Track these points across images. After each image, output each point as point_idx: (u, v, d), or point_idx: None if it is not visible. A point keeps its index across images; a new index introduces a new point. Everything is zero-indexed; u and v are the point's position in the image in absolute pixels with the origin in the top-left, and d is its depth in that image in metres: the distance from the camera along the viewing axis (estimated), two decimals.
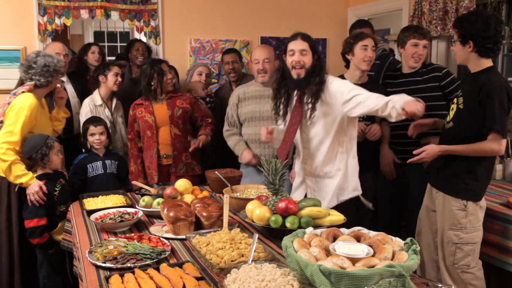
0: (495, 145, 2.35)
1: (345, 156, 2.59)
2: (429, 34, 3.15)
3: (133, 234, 2.06)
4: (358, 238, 1.70)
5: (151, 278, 1.60)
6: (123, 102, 3.73)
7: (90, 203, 2.59)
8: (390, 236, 1.70)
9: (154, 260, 1.78)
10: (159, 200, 2.42)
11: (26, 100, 2.83)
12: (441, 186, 2.57)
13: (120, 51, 4.62)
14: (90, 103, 3.51)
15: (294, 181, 2.78)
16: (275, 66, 3.13)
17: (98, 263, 1.75)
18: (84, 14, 4.22)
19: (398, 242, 1.64)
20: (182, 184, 2.57)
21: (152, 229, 2.20)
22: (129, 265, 1.73)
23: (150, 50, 4.37)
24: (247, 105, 3.23)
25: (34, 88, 2.91)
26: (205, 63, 4.24)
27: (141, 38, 4.71)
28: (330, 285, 1.40)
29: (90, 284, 1.64)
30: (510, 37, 3.42)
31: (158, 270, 1.66)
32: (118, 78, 3.51)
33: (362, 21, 3.97)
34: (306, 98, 2.54)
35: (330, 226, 1.92)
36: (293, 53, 2.50)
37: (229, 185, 2.64)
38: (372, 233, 1.74)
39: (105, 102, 3.56)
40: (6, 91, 3.85)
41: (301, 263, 1.49)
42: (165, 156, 3.33)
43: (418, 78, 3.08)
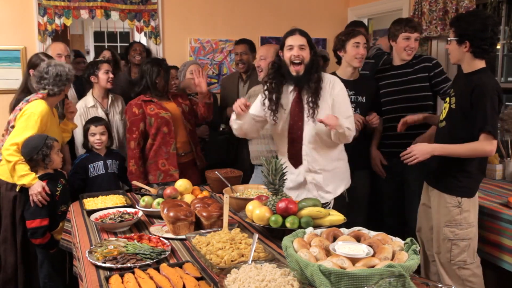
0: (487, 145, 2.36)
1: (342, 146, 2.72)
2: (420, 27, 3.15)
3: (133, 234, 2.06)
4: (358, 238, 1.70)
5: (151, 278, 1.60)
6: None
7: (90, 203, 2.59)
8: (390, 236, 1.70)
9: (154, 260, 1.78)
10: (159, 200, 2.42)
11: (37, 106, 2.85)
12: (435, 184, 2.59)
13: (120, 51, 4.61)
14: (82, 106, 3.44)
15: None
16: None
17: (98, 263, 1.75)
18: (84, 14, 4.22)
19: (398, 242, 1.64)
20: (182, 184, 2.57)
21: (152, 229, 2.20)
22: (129, 265, 1.73)
23: (149, 51, 4.35)
24: (252, 102, 3.23)
25: (47, 96, 2.93)
26: (195, 61, 4.15)
27: (141, 38, 4.71)
28: (330, 285, 1.40)
29: (90, 284, 1.64)
30: (510, 37, 3.42)
31: (158, 270, 1.66)
32: (110, 75, 3.43)
33: (356, 22, 3.98)
34: (306, 95, 2.54)
35: (330, 226, 1.93)
36: (291, 47, 2.50)
37: (229, 185, 2.64)
38: (372, 233, 1.74)
39: (99, 102, 3.48)
40: (6, 91, 3.87)
41: (301, 263, 1.49)
42: (183, 154, 3.27)
43: (408, 69, 3.11)
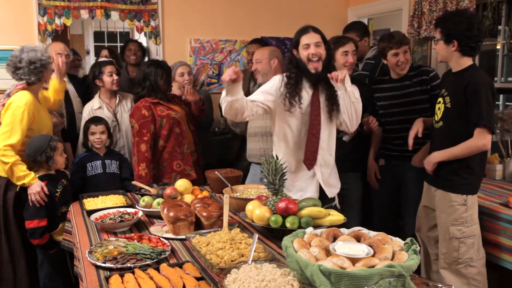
0: (480, 140, 2.39)
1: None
2: (405, 39, 3.07)
3: (133, 234, 2.06)
4: (358, 238, 1.70)
5: (151, 278, 1.60)
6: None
7: (90, 203, 2.59)
8: (390, 236, 1.70)
9: (154, 260, 1.78)
10: (159, 200, 2.42)
11: (21, 98, 2.76)
12: (439, 184, 2.60)
13: (120, 51, 4.62)
14: (88, 108, 3.47)
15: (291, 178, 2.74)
16: (271, 65, 3.11)
17: (98, 263, 1.75)
18: (84, 14, 4.22)
19: (398, 242, 1.64)
20: (182, 184, 2.57)
21: (152, 229, 2.20)
22: (129, 265, 1.73)
23: (144, 49, 4.36)
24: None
25: (28, 86, 2.84)
26: (184, 62, 4.02)
27: (141, 38, 4.71)
28: (330, 285, 1.40)
29: (90, 284, 1.64)
30: (510, 37, 3.42)
31: (158, 270, 1.66)
32: (114, 77, 3.40)
33: (350, 25, 3.94)
34: (324, 93, 2.54)
35: (330, 226, 1.92)
36: (308, 46, 2.48)
37: (229, 185, 2.64)
38: (372, 233, 1.74)
39: (106, 102, 3.49)
40: None
41: (301, 263, 1.49)
42: (190, 153, 3.29)
43: (407, 82, 3.08)
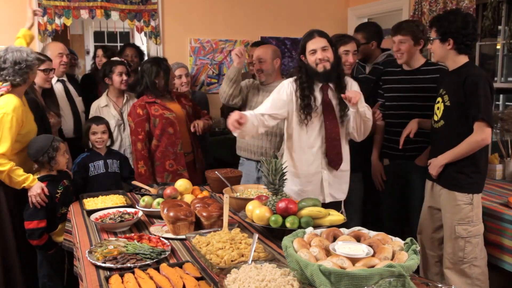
0: (478, 135, 2.38)
1: (348, 153, 2.71)
2: (402, 29, 2.95)
3: (133, 234, 2.06)
4: (358, 238, 1.70)
5: (151, 278, 1.60)
6: None
7: (90, 203, 2.59)
8: (390, 236, 1.70)
9: (154, 260, 1.78)
10: (159, 200, 2.42)
11: (8, 103, 2.67)
12: (445, 183, 2.58)
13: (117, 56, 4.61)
14: (95, 106, 3.52)
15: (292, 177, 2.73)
16: (274, 66, 3.12)
17: (98, 263, 1.75)
18: (84, 14, 4.22)
19: (398, 242, 1.64)
20: (182, 184, 2.57)
21: (152, 229, 2.20)
22: (129, 265, 1.73)
23: (142, 54, 4.34)
24: (253, 94, 3.23)
25: (12, 88, 2.74)
26: (181, 64, 3.99)
27: (141, 38, 4.71)
28: (330, 285, 1.40)
29: (90, 284, 1.64)
30: (510, 37, 3.42)
31: (158, 270, 1.66)
32: (124, 77, 3.47)
33: (361, 25, 3.90)
34: (335, 92, 2.56)
35: (330, 226, 1.92)
36: (314, 51, 2.49)
37: (229, 185, 2.64)
38: (372, 233, 1.74)
39: (114, 101, 3.52)
40: None
41: (301, 263, 1.49)
42: (185, 154, 3.29)
43: (419, 76, 2.98)
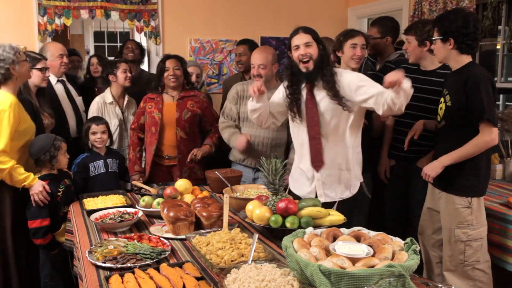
0: (487, 136, 2.35)
1: (357, 146, 2.59)
2: (411, 29, 2.95)
3: (133, 234, 2.07)
4: (358, 238, 1.70)
5: (151, 278, 1.60)
6: None
7: (90, 203, 2.59)
8: (390, 236, 1.70)
9: (154, 260, 1.78)
10: (159, 200, 2.42)
11: (3, 100, 2.66)
12: (444, 186, 2.56)
13: (118, 51, 4.62)
14: (100, 101, 3.48)
15: (295, 168, 2.71)
16: (273, 71, 3.11)
17: (98, 263, 1.75)
18: (84, 14, 4.23)
19: (398, 242, 1.64)
20: (182, 184, 2.57)
21: (152, 229, 2.20)
22: (129, 265, 1.73)
23: (142, 48, 4.36)
24: (246, 104, 3.15)
25: (1, 85, 2.72)
26: (193, 61, 4.04)
27: (141, 38, 4.71)
28: (330, 285, 1.40)
29: (90, 284, 1.64)
30: (510, 37, 3.42)
31: (158, 270, 1.66)
32: (128, 74, 3.50)
33: (377, 19, 3.78)
34: (321, 90, 2.48)
35: (330, 226, 1.92)
36: (297, 47, 2.47)
37: (229, 185, 2.64)
38: (372, 233, 1.74)
39: (116, 100, 3.53)
40: None
41: (301, 263, 1.49)
42: (167, 157, 3.27)
43: (434, 78, 2.92)
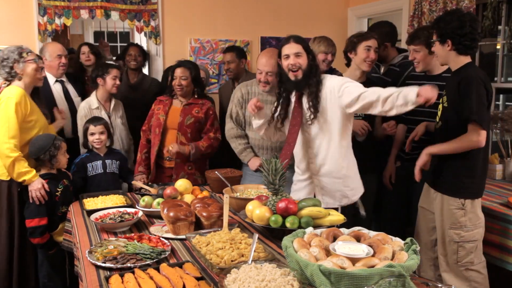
0: (474, 136, 2.35)
1: (348, 153, 2.59)
2: (416, 38, 2.93)
3: (133, 234, 2.07)
4: (358, 238, 1.70)
5: (151, 278, 1.60)
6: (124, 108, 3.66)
7: (90, 203, 2.59)
8: (390, 236, 1.70)
9: (154, 260, 1.78)
10: (159, 200, 2.42)
11: (11, 89, 2.79)
12: (439, 187, 2.57)
13: (120, 54, 4.58)
14: (85, 107, 3.44)
15: (295, 180, 2.74)
16: (277, 77, 3.09)
17: (98, 263, 1.75)
18: (84, 14, 4.22)
19: (398, 242, 1.64)
20: (182, 184, 2.57)
21: (152, 229, 2.20)
22: (129, 265, 1.73)
23: (145, 54, 4.31)
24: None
25: (9, 83, 2.87)
26: (201, 66, 4.05)
27: (141, 38, 4.71)
28: (330, 285, 1.40)
29: (90, 284, 1.64)
30: (510, 37, 3.41)
31: (158, 270, 1.66)
32: (117, 82, 3.44)
33: (374, 25, 3.80)
34: (306, 99, 2.53)
35: (330, 226, 1.93)
36: (287, 56, 2.50)
37: (229, 185, 2.64)
38: (372, 233, 1.74)
39: (102, 104, 3.47)
40: None
41: (301, 263, 1.49)
42: (167, 158, 3.28)
43: (439, 82, 2.83)
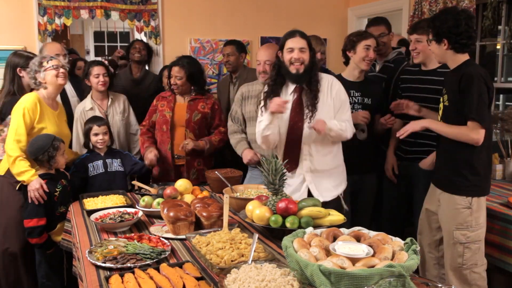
0: (473, 133, 2.35)
1: (340, 149, 2.72)
2: (419, 29, 2.90)
3: (133, 234, 2.07)
4: (358, 238, 1.70)
5: (151, 278, 1.60)
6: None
7: (90, 203, 2.59)
8: (390, 236, 1.70)
9: (154, 260, 1.78)
10: (159, 200, 2.42)
11: (26, 95, 2.92)
12: (444, 186, 2.54)
13: (125, 51, 4.57)
14: (80, 109, 3.42)
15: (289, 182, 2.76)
16: None
17: (98, 263, 1.75)
18: (84, 14, 4.22)
19: (398, 242, 1.64)
20: (182, 184, 2.57)
21: (152, 229, 2.20)
22: (129, 265, 1.73)
23: (150, 48, 4.35)
24: (250, 104, 3.18)
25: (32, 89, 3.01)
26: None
27: (141, 38, 4.71)
28: (330, 285, 1.40)
29: (90, 284, 1.64)
30: (510, 37, 3.42)
31: (158, 270, 1.66)
32: (101, 78, 3.34)
33: (377, 19, 3.76)
34: (306, 97, 2.56)
35: (330, 226, 1.92)
36: (291, 50, 2.53)
37: (229, 185, 2.64)
38: (372, 233, 1.74)
39: (97, 104, 3.43)
40: None
41: (301, 263, 1.49)
42: (177, 156, 3.28)
43: (434, 77, 2.91)
